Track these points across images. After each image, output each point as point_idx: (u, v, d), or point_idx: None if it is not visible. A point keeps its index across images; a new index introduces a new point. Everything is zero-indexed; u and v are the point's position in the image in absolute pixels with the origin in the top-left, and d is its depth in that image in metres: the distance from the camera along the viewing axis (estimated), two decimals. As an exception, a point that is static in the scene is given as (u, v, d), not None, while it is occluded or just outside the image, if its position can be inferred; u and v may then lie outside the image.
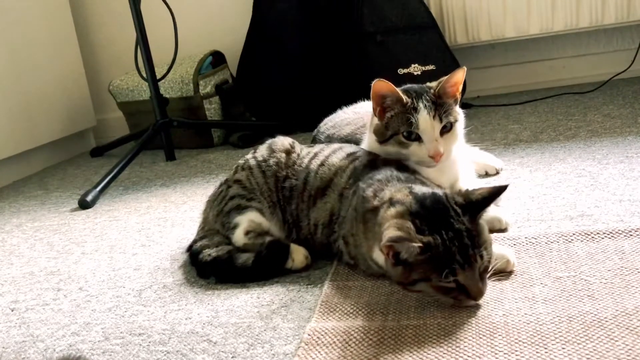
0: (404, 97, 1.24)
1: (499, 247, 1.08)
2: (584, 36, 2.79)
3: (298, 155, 1.32)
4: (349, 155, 1.28)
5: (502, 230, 1.27)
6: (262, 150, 1.35)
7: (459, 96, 1.30)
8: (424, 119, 1.23)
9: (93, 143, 3.20)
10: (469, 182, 1.36)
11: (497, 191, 0.99)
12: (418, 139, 1.24)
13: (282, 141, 1.36)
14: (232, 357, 0.97)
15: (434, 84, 1.29)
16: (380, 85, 1.25)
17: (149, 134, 2.48)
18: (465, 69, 1.28)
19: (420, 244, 0.93)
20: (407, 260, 0.95)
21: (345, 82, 2.56)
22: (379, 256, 1.05)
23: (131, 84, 2.86)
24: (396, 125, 1.25)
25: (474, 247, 0.94)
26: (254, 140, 2.62)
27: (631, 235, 1.16)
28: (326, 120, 1.74)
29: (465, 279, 0.94)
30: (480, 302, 0.98)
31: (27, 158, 2.74)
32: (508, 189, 1.02)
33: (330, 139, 1.59)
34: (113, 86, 2.92)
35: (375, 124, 1.31)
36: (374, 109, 1.29)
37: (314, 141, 1.68)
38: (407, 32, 2.54)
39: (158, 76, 2.51)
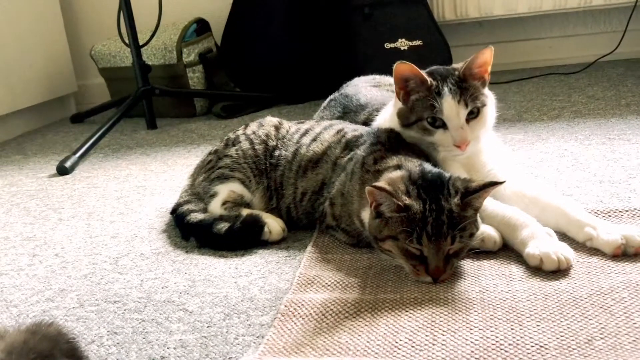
0: (429, 80, 1.18)
1: (487, 227, 1.09)
2: (571, 17, 2.78)
3: (287, 130, 1.39)
4: (339, 131, 1.31)
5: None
6: (252, 126, 1.43)
7: (487, 77, 1.22)
8: (449, 105, 1.15)
9: (74, 109, 3.15)
10: (505, 170, 1.23)
11: (492, 184, 1.02)
12: (443, 125, 1.17)
13: (271, 119, 1.44)
14: (208, 326, 0.97)
15: (459, 65, 1.22)
16: (402, 67, 1.18)
17: (131, 102, 2.44)
18: (493, 48, 1.19)
19: (399, 203, 0.98)
20: (384, 215, 1.01)
21: (331, 54, 2.53)
22: (366, 215, 1.09)
23: (113, 50, 2.81)
24: (420, 110, 1.19)
25: (449, 227, 0.97)
26: (238, 111, 2.60)
27: (610, 216, 1.17)
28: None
29: (428, 251, 0.98)
30: (441, 285, 0.99)
31: (5, 122, 2.69)
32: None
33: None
34: (95, 51, 2.87)
35: (399, 108, 1.23)
36: (397, 93, 1.22)
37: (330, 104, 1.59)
38: (395, 5, 2.51)
39: (141, 42, 2.47)
